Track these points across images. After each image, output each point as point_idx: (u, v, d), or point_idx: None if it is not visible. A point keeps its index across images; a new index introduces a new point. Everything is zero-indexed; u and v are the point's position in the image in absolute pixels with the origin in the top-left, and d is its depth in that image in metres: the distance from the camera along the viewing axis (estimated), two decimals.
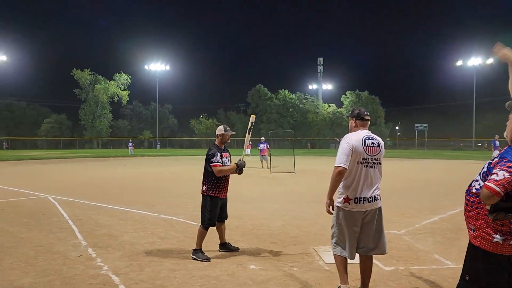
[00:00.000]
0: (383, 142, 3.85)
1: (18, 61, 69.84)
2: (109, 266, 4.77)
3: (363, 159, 3.62)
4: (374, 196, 3.66)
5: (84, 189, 12.08)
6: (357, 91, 74.63)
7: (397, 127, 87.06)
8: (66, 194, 10.63)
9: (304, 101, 76.00)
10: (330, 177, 3.61)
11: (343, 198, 3.67)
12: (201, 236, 5.17)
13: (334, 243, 3.80)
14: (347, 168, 3.58)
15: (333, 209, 3.75)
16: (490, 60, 59.02)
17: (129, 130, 76.09)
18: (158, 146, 69.75)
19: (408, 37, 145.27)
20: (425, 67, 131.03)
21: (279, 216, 7.84)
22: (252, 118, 5.64)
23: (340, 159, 3.59)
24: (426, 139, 66.67)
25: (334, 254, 3.83)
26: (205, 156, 5.33)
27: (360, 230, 3.69)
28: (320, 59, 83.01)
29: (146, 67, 71.68)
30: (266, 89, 75.60)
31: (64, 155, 35.79)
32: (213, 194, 5.18)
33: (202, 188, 5.29)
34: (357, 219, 3.65)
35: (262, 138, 21.34)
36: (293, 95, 76.18)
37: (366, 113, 3.91)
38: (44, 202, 9.55)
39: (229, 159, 5.38)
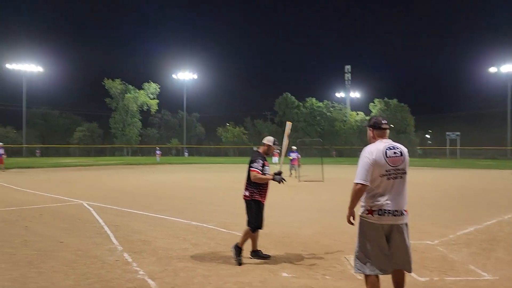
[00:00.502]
0: (406, 150, 3.60)
1: (53, 72, 72.77)
2: (145, 270, 4.91)
3: (386, 171, 3.41)
4: (401, 210, 3.44)
5: (116, 195, 12.41)
6: (385, 98, 73.48)
7: (427, 135, 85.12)
8: (99, 201, 10.95)
9: (331, 109, 75.48)
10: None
11: (367, 210, 3.47)
12: (245, 236, 5.31)
13: (356, 256, 3.55)
14: (368, 184, 3.38)
15: (354, 219, 3.60)
16: None
17: (157, 138, 77.46)
18: (186, 154, 70.72)
19: (439, 42, 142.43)
20: (457, 74, 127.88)
21: (309, 225, 7.84)
22: (289, 125, 5.71)
23: (360, 174, 3.39)
24: (458, 147, 64.84)
25: (355, 269, 3.59)
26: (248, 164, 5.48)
27: (386, 246, 3.44)
28: (348, 67, 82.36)
29: (174, 76, 73.21)
30: (293, 97, 75.51)
31: (96, 163, 36.80)
32: (257, 199, 5.34)
33: (245, 194, 5.44)
34: (381, 233, 3.41)
35: (294, 147, 21.25)
36: (321, 103, 75.76)
37: (383, 122, 3.66)
38: (79, 208, 9.88)
39: (268, 168, 5.53)
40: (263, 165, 5.34)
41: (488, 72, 62.99)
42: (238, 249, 5.29)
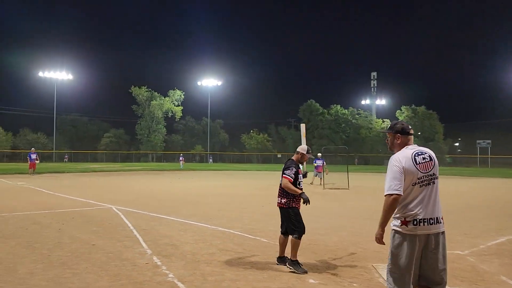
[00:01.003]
0: (434, 154, 3.41)
1: (82, 80, 75.11)
2: (174, 273, 5.01)
3: (418, 178, 3.20)
4: (437, 217, 3.21)
5: (144, 200, 12.66)
6: (413, 106, 72.24)
7: (456, 144, 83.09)
8: (127, 205, 11.20)
9: (357, 116, 74.79)
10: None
11: (400, 221, 3.21)
12: (295, 247, 5.28)
13: (389, 271, 3.27)
14: (402, 194, 3.15)
15: (381, 240, 3.31)
16: None
17: (181, 145, 78.49)
18: (211, 160, 71.37)
19: (469, 48, 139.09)
20: (487, 80, 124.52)
21: (335, 232, 7.81)
22: (303, 126, 5.73)
23: (392, 184, 3.16)
24: (489, 156, 63.00)
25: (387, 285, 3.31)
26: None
27: (421, 259, 3.18)
28: (374, 74, 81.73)
29: (198, 83, 74.22)
30: (317, 104, 75.23)
31: (122, 168, 37.58)
32: (293, 205, 5.37)
33: (281, 201, 5.47)
34: (417, 245, 3.15)
35: (319, 154, 21.13)
36: (346, 110, 75.19)
37: (410, 127, 3.53)
38: (109, 212, 10.13)
39: (301, 175, 5.57)
40: (296, 173, 5.37)
41: None
42: (295, 262, 5.24)
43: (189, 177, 27.18)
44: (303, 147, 5.72)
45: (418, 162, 3.25)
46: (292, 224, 5.34)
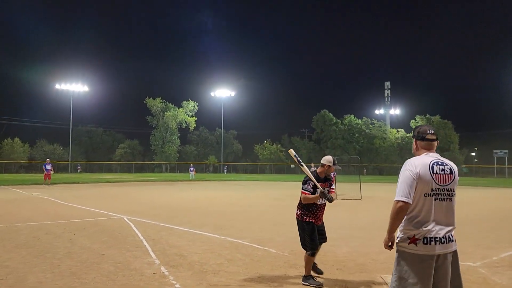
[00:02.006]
0: (456, 168, 3.06)
1: (98, 92, 76.42)
2: (181, 283, 5.02)
3: (432, 190, 2.88)
4: (449, 236, 2.89)
5: (155, 211, 12.73)
6: (427, 115, 71.52)
7: (473, 153, 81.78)
8: (139, 215, 11.28)
9: (370, 126, 74.28)
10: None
11: (408, 238, 2.90)
12: (308, 263, 5.20)
13: None
14: (411, 202, 2.87)
15: (392, 247, 3.07)
16: None
17: (195, 155, 78.89)
18: (225, 171, 71.52)
19: (485, 57, 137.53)
20: (504, 89, 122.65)
21: (345, 243, 7.73)
22: (291, 152, 5.54)
23: (402, 190, 2.88)
24: (507, 166, 61.79)
25: None
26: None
27: (430, 282, 2.87)
28: (387, 83, 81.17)
29: (212, 94, 74.78)
30: (331, 115, 75.00)
31: (136, 179, 37.90)
32: (308, 220, 5.25)
33: (297, 212, 5.42)
34: (427, 266, 2.84)
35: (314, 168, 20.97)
36: (359, 120, 74.77)
37: (429, 131, 3.11)
38: (120, 222, 10.21)
39: (329, 188, 5.32)
40: (314, 186, 5.13)
41: None
42: (309, 277, 5.17)
43: (202, 187, 27.25)
44: (328, 159, 5.41)
45: (435, 172, 2.93)
46: (304, 240, 5.27)
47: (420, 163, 2.95)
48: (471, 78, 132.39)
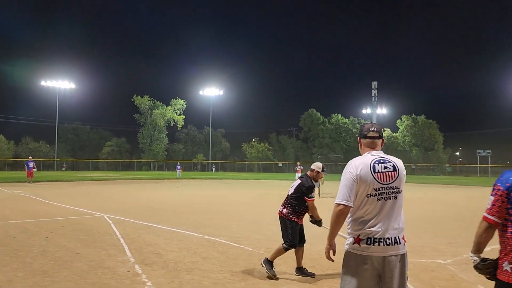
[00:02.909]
0: (402, 165, 2.94)
1: (85, 89, 75.73)
2: (153, 282, 5.04)
3: (374, 189, 2.77)
4: (395, 237, 2.77)
5: (137, 209, 12.69)
6: (413, 115, 72.33)
7: (457, 153, 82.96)
8: (120, 214, 11.24)
9: (357, 125, 74.77)
10: None
11: (353, 238, 2.81)
12: (278, 253, 5.40)
13: None
14: (351, 205, 2.78)
15: (334, 254, 2.98)
16: None
17: (183, 154, 78.60)
18: (214, 169, 71.42)
19: (469, 58, 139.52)
20: (488, 89, 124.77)
21: (322, 240, 7.76)
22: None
23: (342, 194, 2.78)
24: (489, 165, 62.83)
25: None
26: (296, 184, 5.64)
27: (377, 285, 2.76)
28: (375, 83, 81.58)
29: (201, 92, 74.53)
30: (318, 113, 75.37)
31: (122, 177, 37.64)
32: (293, 219, 5.43)
33: (282, 211, 5.56)
34: (371, 267, 2.73)
35: (301, 167, 21.07)
36: (346, 119, 75.29)
37: (371, 129, 3.00)
38: (100, 220, 10.17)
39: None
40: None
41: None
42: (269, 263, 5.36)
43: (187, 186, 27.20)
44: (318, 165, 5.71)
45: (377, 171, 2.80)
46: (286, 235, 5.43)
47: (360, 163, 2.85)
48: (456, 80, 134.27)
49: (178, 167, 43.41)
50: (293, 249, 5.52)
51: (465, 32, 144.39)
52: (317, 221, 5.55)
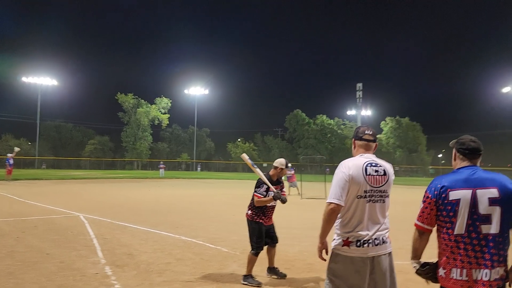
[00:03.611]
0: (391, 169, 3.02)
1: (67, 86, 74.49)
2: (121, 284, 4.92)
3: (365, 191, 2.83)
4: (382, 237, 2.85)
5: (116, 209, 12.48)
6: (397, 117, 73.11)
7: (440, 155, 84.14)
8: (97, 214, 11.03)
9: (342, 126, 75.31)
10: None
11: (342, 240, 2.85)
12: (251, 262, 5.20)
13: None
14: (343, 204, 2.81)
15: (327, 253, 2.96)
16: None
17: (167, 153, 77.99)
18: (199, 169, 71.03)
19: (453, 62, 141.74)
20: (470, 93, 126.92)
21: (298, 242, 7.77)
22: (244, 157, 5.53)
23: (334, 193, 2.81)
24: None
25: None
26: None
27: (363, 285, 2.81)
28: (359, 85, 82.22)
29: (186, 91, 74.04)
30: (304, 114, 75.59)
31: (104, 176, 37.13)
32: (257, 220, 5.27)
33: (247, 213, 5.41)
34: (361, 268, 2.79)
35: (289, 165, 21.07)
36: (331, 120, 75.69)
37: (367, 132, 3.06)
38: (76, 220, 9.96)
39: (280, 191, 5.33)
40: (267, 190, 5.20)
41: (501, 92, 62.46)
42: (248, 276, 5.16)
43: (170, 185, 26.94)
44: (281, 162, 5.53)
45: (368, 173, 2.86)
46: (251, 238, 5.28)
47: (353, 164, 2.89)
48: (440, 83, 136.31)
49: (161, 166, 42.98)
50: (265, 250, 5.42)
51: (449, 36, 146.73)
52: (277, 198, 5.09)
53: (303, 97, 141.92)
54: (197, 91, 73.21)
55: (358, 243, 2.79)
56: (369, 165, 2.90)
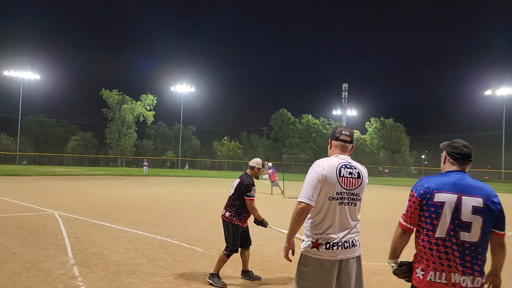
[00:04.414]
0: (366, 173, 2.97)
1: (50, 80, 72.97)
2: (87, 286, 4.75)
3: (337, 193, 2.77)
4: (352, 240, 2.82)
5: (93, 207, 12.21)
6: (381, 118, 73.76)
7: (423, 156, 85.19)
8: (73, 212, 10.77)
9: (327, 126, 75.59)
10: None
11: (311, 242, 2.79)
12: (221, 262, 5.10)
13: None
14: (313, 205, 2.75)
15: (293, 254, 2.88)
16: None
17: (152, 150, 77.28)
18: (187, 167, 70.58)
19: (437, 65, 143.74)
20: (453, 96, 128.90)
21: (276, 242, 7.67)
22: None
23: (305, 192, 2.76)
24: None
25: None
26: (235, 183, 5.33)
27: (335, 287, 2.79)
28: (345, 85, 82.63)
29: (172, 88, 73.40)
30: (289, 113, 75.73)
31: (86, 173, 36.57)
32: (235, 222, 5.16)
33: (224, 214, 5.27)
34: (329, 271, 2.75)
35: (270, 164, 20.88)
36: (317, 120, 75.95)
37: (344, 132, 3.01)
38: (49, 218, 9.70)
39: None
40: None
41: (483, 95, 63.57)
42: (215, 275, 5.06)
43: (152, 183, 26.62)
44: (258, 161, 5.50)
45: (342, 175, 2.80)
46: (227, 239, 5.17)
47: (327, 165, 2.82)
48: (424, 85, 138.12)
49: (145, 163, 42.39)
50: (238, 253, 5.31)
51: (431, 39, 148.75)
52: (260, 222, 5.24)
53: (289, 97, 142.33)
54: (183, 88, 72.63)
55: (328, 246, 2.74)
56: (344, 166, 2.83)
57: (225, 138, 79.47)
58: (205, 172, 53.62)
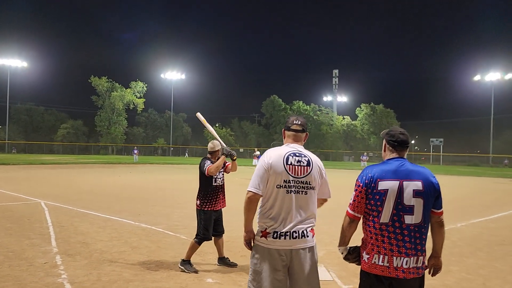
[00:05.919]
0: (318, 161, 2.93)
1: (38, 68, 72.14)
2: (69, 274, 4.82)
3: (284, 181, 2.76)
4: (303, 231, 2.76)
5: (80, 195, 12.24)
6: (372, 104, 74.09)
7: (413, 141, 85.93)
8: (59, 200, 10.79)
9: (318, 112, 75.79)
10: (339, 191, 3.02)
11: (260, 231, 2.79)
12: (192, 249, 5.20)
13: None
14: (261, 193, 2.77)
15: (253, 242, 2.88)
16: (509, 76, 58.46)
17: (143, 138, 76.95)
18: (187, 154, 70.68)
19: (426, 50, 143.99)
20: (442, 81, 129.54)
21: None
22: (199, 116, 5.51)
23: (253, 181, 2.79)
24: (441, 154, 65.59)
25: None
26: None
27: (287, 278, 2.77)
28: (336, 71, 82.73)
29: (162, 75, 72.85)
30: (280, 100, 75.72)
31: (76, 161, 36.40)
32: (206, 208, 5.26)
33: (196, 203, 5.40)
34: (278, 261, 2.73)
35: (257, 152, 20.90)
36: (308, 106, 76.04)
37: (295, 122, 3.02)
38: (35, 207, 9.72)
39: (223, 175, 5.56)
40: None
41: (472, 81, 64.00)
42: (187, 262, 5.15)
43: (142, 171, 26.61)
44: (210, 145, 5.68)
45: (289, 163, 2.79)
46: (198, 227, 5.28)
47: (275, 154, 2.84)
48: (413, 71, 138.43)
49: (135, 151, 42.22)
50: (212, 241, 5.41)
51: (421, 25, 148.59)
52: (225, 154, 5.19)
53: (280, 83, 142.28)
54: (173, 75, 72.12)
55: (275, 235, 2.72)
56: (292, 155, 2.84)
57: (217, 125, 79.30)
58: (197, 160, 53.52)
